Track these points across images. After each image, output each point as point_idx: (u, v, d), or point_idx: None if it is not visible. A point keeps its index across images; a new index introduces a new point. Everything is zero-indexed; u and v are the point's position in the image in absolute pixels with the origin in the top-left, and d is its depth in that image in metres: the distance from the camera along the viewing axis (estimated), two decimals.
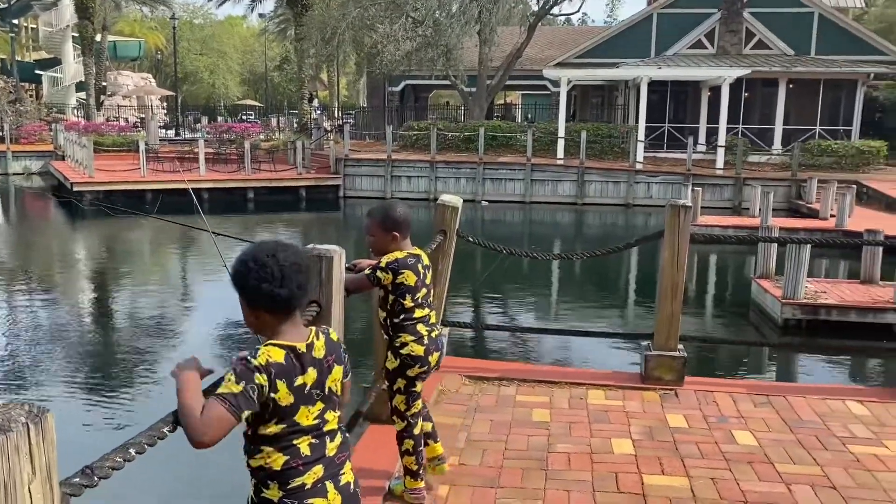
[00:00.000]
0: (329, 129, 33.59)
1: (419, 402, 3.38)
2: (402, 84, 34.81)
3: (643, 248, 13.86)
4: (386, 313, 3.28)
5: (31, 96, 42.51)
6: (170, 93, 48.50)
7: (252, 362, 1.80)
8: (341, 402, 2.07)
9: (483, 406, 4.70)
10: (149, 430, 1.71)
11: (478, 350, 8.67)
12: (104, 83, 40.29)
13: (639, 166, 23.86)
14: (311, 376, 1.89)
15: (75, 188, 21.98)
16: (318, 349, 1.94)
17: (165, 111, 51.71)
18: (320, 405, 1.92)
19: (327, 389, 1.95)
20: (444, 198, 4.94)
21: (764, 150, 26.12)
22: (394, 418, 3.36)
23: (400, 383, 3.29)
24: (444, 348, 3.85)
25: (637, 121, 25.92)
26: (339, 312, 2.71)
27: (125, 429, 6.23)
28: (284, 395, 1.83)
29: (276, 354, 1.84)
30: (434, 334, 3.33)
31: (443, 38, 27.44)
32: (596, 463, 3.90)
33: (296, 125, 36.77)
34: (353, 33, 29.17)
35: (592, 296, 12.94)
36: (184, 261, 16.29)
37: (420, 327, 3.25)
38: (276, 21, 52.64)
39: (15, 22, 45.05)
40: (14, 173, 30.38)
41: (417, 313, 3.25)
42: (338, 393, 2.00)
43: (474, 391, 4.96)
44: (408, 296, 3.21)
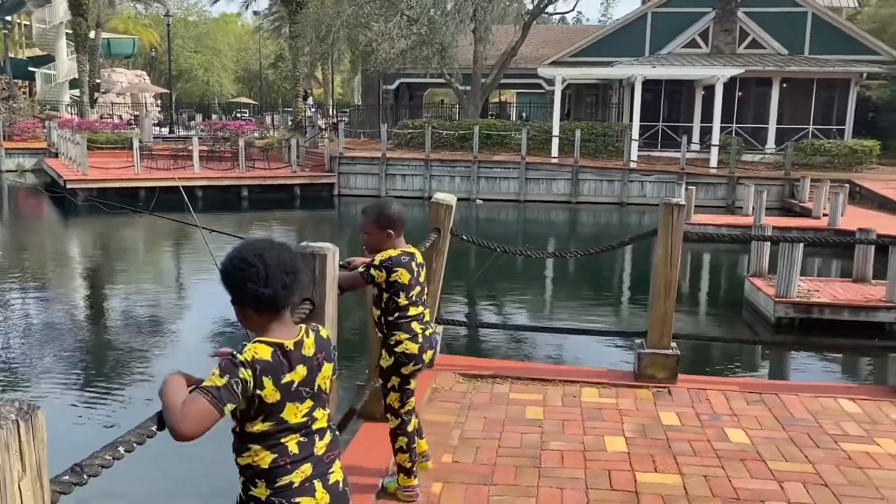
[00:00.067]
0: (324, 126, 33.52)
1: (413, 400, 3.39)
2: (397, 82, 34.77)
3: (637, 247, 13.89)
4: (380, 311, 3.28)
5: (24, 93, 42.26)
6: (164, 90, 48.36)
7: (237, 357, 1.80)
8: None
9: (477, 404, 4.70)
10: (137, 429, 1.70)
11: (472, 348, 8.67)
12: (98, 80, 40.12)
13: (633, 165, 23.91)
14: (299, 374, 1.89)
15: (69, 185, 21.90)
16: (308, 347, 1.94)
17: (159, 109, 51.57)
18: (309, 403, 1.92)
19: (317, 387, 1.94)
20: (439, 196, 4.94)
21: (757, 149, 26.19)
22: (388, 416, 3.37)
23: (394, 381, 3.29)
24: (437, 346, 3.85)
25: (631, 120, 25.97)
26: (332, 310, 2.71)
27: (116, 427, 6.22)
28: (270, 393, 1.82)
29: (262, 351, 1.83)
30: (428, 332, 3.33)
31: (437, 37, 27.42)
32: (589, 460, 3.91)
33: (290, 123, 36.72)
34: (348, 31, 29.14)
35: (586, 294, 12.96)
36: (177, 258, 16.26)
37: (415, 325, 3.26)
38: (271, 18, 52.56)
39: (8, 18, 44.84)
40: (7, 171, 30.25)
41: (412, 311, 3.25)
42: (327, 391, 2.00)
43: (468, 389, 4.97)
44: (402, 294, 3.21)
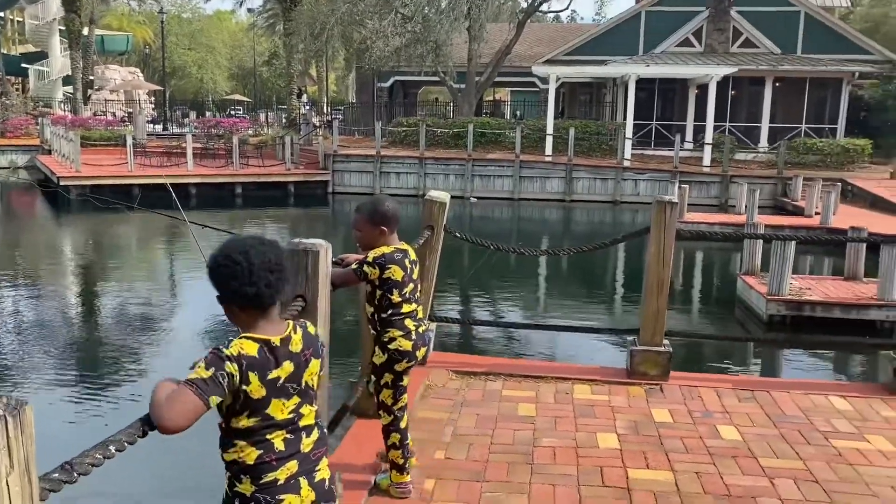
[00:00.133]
0: (318, 124, 33.46)
1: (405, 397, 3.39)
2: (392, 80, 34.74)
3: (630, 245, 13.93)
4: (373, 308, 3.28)
5: (17, 90, 42.03)
6: (158, 87, 48.19)
7: (223, 351, 1.80)
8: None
9: (469, 400, 4.72)
10: (129, 428, 1.70)
11: (465, 345, 8.68)
12: (91, 77, 39.94)
13: (626, 163, 23.94)
14: (285, 370, 1.89)
15: (62, 182, 21.80)
16: (296, 343, 1.94)
17: (153, 106, 51.37)
18: (296, 399, 1.92)
19: (304, 383, 1.94)
20: (432, 193, 4.95)
21: (750, 147, 26.27)
22: (380, 413, 3.37)
23: (387, 378, 3.30)
24: (430, 343, 3.87)
25: (625, 118, 26.01)
26: (325, 307, 2.71)
27: (109, 425, 6.21)
28: (256, 388, 1.82)
29: (248, 347, 1.83)
30: (421, 329, 3.34)
31: (432, 35, 27.41)
32: (581, 457, 3.93)
33: (284, 120, 36.64)
34: (342, 29, 29.09)
35: (579, 292, 12.99)
36: (169, 255, 16.21)
37: (408, 322, 3.26)
38: (265, 16, 52.38)
39: (1, 15, 44.61)
40: (0, 167, 30.13)
41: (405, 308, 3.26)
42: (315, 387, 2.00)
43: (461, 386, 4.98)
44: (395, 291, 3.21)
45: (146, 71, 59.41)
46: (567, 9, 54.27)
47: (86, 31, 37.41)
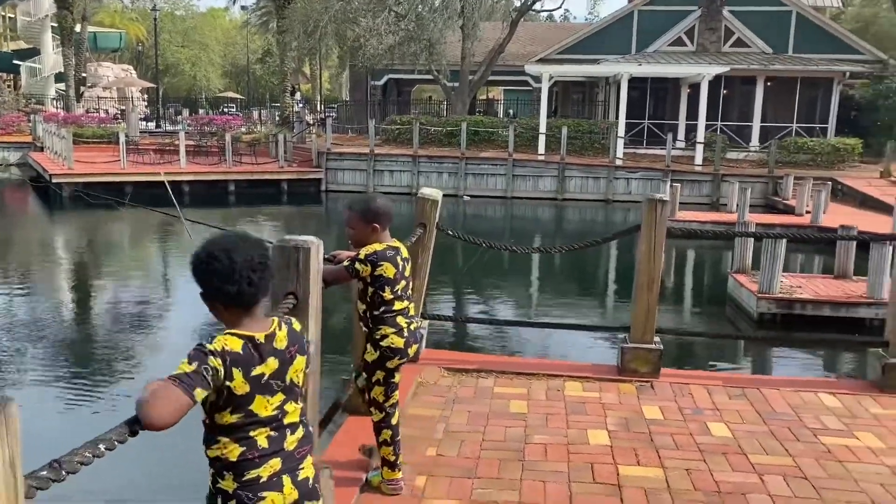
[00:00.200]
0: (311, 122, 33.40)
1: (397, 394, 3.41)
2: (385, 78, 34.69)
3: (622, 243, 13.95)
4: (366, 305, 3.29)
5: (9, 87, 41.82)
6: (151, 84, 47.97)
7: (206, 347, 1.80)
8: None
9: (461, 398, 4.73)
10: (119, 426, 1.69)
11: (457, 342, 8.69)
12: (84, 74, 39.77)
13: (619, 162, 24.00)
14: (270, 366, 1.88)
15: (54, 180, 21.73)
16: (280, 340, 1.93)
17: (146, 103, 51.17)
18: (280, 396, 1.92)
19: (289, 380, 1.94)
20: (424, 191, 4.96)
21: (742, 146, 26.34)
22: (371, 409, 3.38)
23: (379, 375, 3.31)
24: (422, 340, 3.87)
25: (617, 117, 26.06)
26: (316, 304, 2.72)
27: (100, 423, 6.19)
28: (240, 384, 1.82)
29: (232, 343, 1.83)
30: (413, 326, 3.35)
31: (425, 33, 27.39)
32: (572, 454, 3.95)
33: (278, 118, 36.55)
34: (336, 26, 29.03)
35: (571, 289, 13.02)
36: (162, 252, 16.16)
37: (400, 319, 3.28)
38: (259, 13, 52.29)
39: None
40: None
41: (397, 305, 3.27)
42: (300, 384, 2.00)
43: (453, 383, 4.99)
44: (387, 288, 3.22)
45: (139, 68, 59.17)
46: (560, 8, 54.32)
47: (78, 28, 37.24)
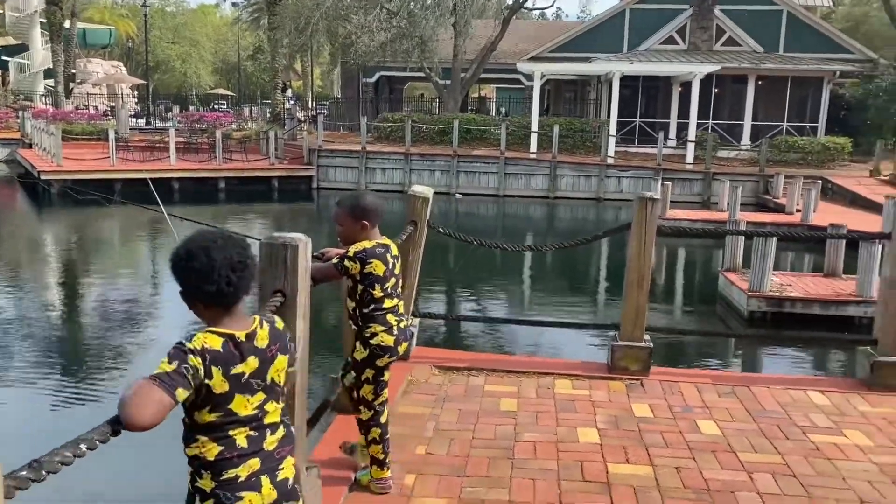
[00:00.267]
0: (302, 119, 33.31)
1: (386, 392, 3.39)
2: (377, 75, 34.63)
3: (613, 241, 13.95)
4: (355, 303, 3.27)
5: None
6: (141, 81, 47.78)
7: (186, 345, 1.78)
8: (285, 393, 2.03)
9: (452, 396, 4.72)
10: (102, 426, 1.67)
11: (448, 340, 8.68)
12: (73, 70, 39.48)
13: (610, 161, 24.05)
14: (250, 365, 1.87)
15: (43, 177, 21.58)
16: (261, 338, 1.91)
17: (136, 100, 50.95)
18: (261, 395, 1.90)
19: (269, 380, 1.92)
20: (415, 188, 4.94)
21: (733, 145, 26.43)
22: (360, 408, 3.36)
23: (368, 373, 3.29)
24: (413, 338, 3.85)
25: (609, 115, 26.10)
26: (304, 302, 2.70)
27: (88, 423, 6.14)
28: (219, 383, 1.80)
29: (212, 341, 1.81)
30: (403, 324, 3.34)
31: (417, 30, 27.35)
32: (561, 452, 3.94)
33: (269, 115, 36.45)
34: (327, 23, 28.93)
35: (562, 287, 13.03)
36: (150, 249, 16.07)
37: (390, 317, 3.26)
38: (250, 10, 52.04)
39: None
40: None
41: (387, 303, 3.25)
42: (281, 383, 1.98)
43: (444, 381, 4.98)
44: (377, 286, 3.20)
45: (129, 65, 58.88)
46: (552, 6, 54.39)
47: (67, 24, 36.99)
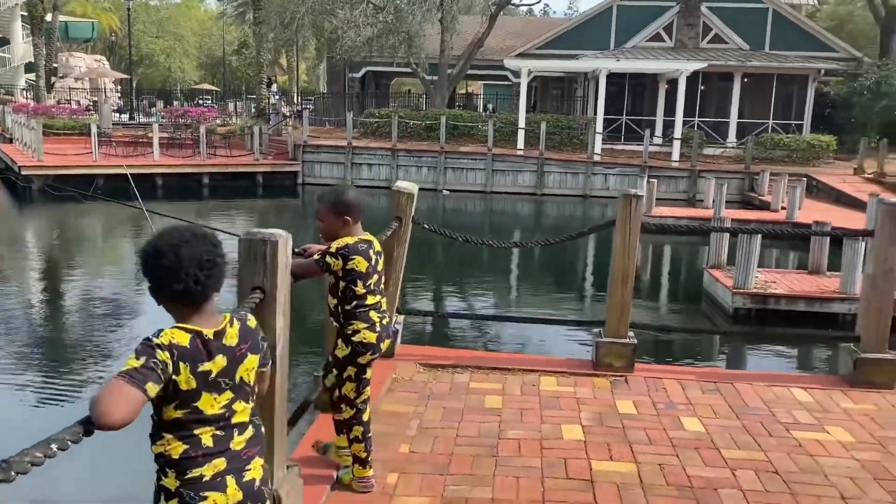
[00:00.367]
0: (288, 114, 33.14)
1: (368, 389, 3.36)
2: (363, 70, 34.51)
3: (599, 238, 13.97)
4: (337, 300, 3.23)
5: None
6: (124, 76, 47.27)
7: (153, 340, 1.76)
8: (257, 393, 2.01)
9: (436, 393, 4.69)
10: (72, 427, 1.64)
11: (433, 337, 8.66)
12: (55, 64, 38.99)
13: (597, 158, 24.09)
14: (218, 364, 1.84)
15: (23, 172, 21.31)
16: (231, 337, 1.89)
17: (119, 94, 50.47)
18: (229, 395, 1.88)
19: (238, 379, 1.90)
20: (400, 184, 4.90)
21: (719, 142, 26.55)
22: (342, 406, 3.32)
23: (350, 371, 3.25)
24: (397, 335, 3.81)
25: (595, 113, 26.15)
26: (284, 299, 2.65)
27: (60, 423, 6.07)
28: (185, 380, 1.78)
29: (180, 337, 1.79)
30: (385, 321, 3.30)
31: (404, 25, 27.26)
32: (545, 449, 3.93)
33: (253, 110, 36.19)
34: (313, 18, 28.81)
35: (548, 284, 13.04)
36: (131, 245, 15.92)
37: (372, 314, 3.22)
38: (235, 4, 51.67)
39: None
40: None
41: (369, 300, 3.22)
42: (250, 383, 1.95)
43: (428, 378, 4.95)
44: (359, 282, 3.17)
45: (112, 59, 58.31)
46: (539, 2, 54.41)
47: (49, 17, 36.54)
